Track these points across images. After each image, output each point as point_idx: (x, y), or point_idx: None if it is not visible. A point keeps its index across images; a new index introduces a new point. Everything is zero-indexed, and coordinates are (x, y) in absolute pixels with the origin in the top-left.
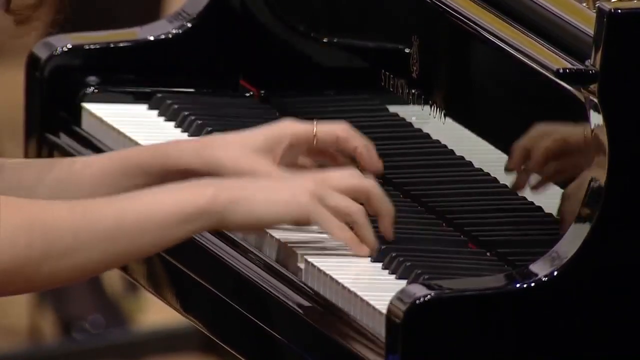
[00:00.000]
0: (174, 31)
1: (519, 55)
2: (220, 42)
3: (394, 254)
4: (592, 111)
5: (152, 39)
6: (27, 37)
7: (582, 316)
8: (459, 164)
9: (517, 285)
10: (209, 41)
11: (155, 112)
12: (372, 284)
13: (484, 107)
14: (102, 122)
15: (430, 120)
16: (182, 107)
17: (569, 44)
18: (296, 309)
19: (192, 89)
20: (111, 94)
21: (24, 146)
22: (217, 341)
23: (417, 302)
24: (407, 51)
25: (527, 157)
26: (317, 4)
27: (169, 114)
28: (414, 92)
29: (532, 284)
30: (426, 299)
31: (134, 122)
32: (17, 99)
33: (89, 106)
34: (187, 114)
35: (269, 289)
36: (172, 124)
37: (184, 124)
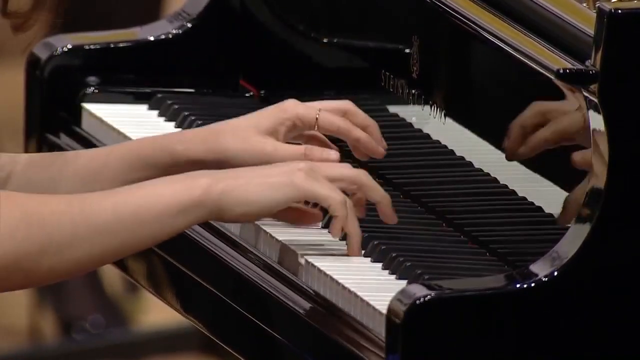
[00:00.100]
0: (174, 31)
1: (519, 55)
2: (220, 42)
3: (394, 254)
4: (592, 111)
5: (152, 39)
6: (26, 37)
7: (582, 316)
8: (459, 164)
9: (517, 285)
10: (209, 41)
11: (155, 112)
12: (372, 284)
13: (484, 107)
14: (102, 122)
15: (430, 120)
16: (183, 107)
17: (569, 44)
18: (296, 309)
19: (192, 89)
20: (111, 94)
21: (24, 146)
22: (217, 341)
23: (417, 302)
24: (407, 51)
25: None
26: (317, 4)
27: (169, 114)
28: (414, 92)
29: (532, 284)
30: (426, 299)
31: (134, 122)
32: (17, 99)
33: (89, 106)
34: (187, 114)
35: (269, 290)
36: (172, 124)
37: (184, 124)
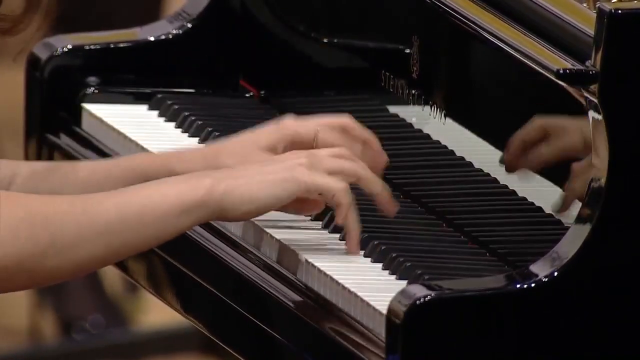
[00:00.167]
0: (174, 31)
1: (519, 55)
2: (220, 42)
3: (394, 254)
4: (592, 111)
5: (152, 39)
6: (23, 38)
7: (582, 316)
8: (459, 164)
9: (517, 285)
10: (209, 41)
11: (155, 113)
12: (372, 285)
13: (484, 107)
14: (102, 122)
15: (430, 120)
16: (183, 107)
17: (569, 44)
18: (296, 309)
19: (193, 90)
20: (111, 94)
21: (24, 146)
22: (217, 341)
23: (418, 302)
24: (407, 51)
25: (524, 151)
26: (317, 4)
27: (169, 115)
28: (414, 92)
29: (532, 285)
30: (426, 299)
31: (134, 122)
32: (17, 99)
33: (89, 106)
34: (187, 114)
35: (269, 290)
36: (172, 125)
37: (184, 125)
